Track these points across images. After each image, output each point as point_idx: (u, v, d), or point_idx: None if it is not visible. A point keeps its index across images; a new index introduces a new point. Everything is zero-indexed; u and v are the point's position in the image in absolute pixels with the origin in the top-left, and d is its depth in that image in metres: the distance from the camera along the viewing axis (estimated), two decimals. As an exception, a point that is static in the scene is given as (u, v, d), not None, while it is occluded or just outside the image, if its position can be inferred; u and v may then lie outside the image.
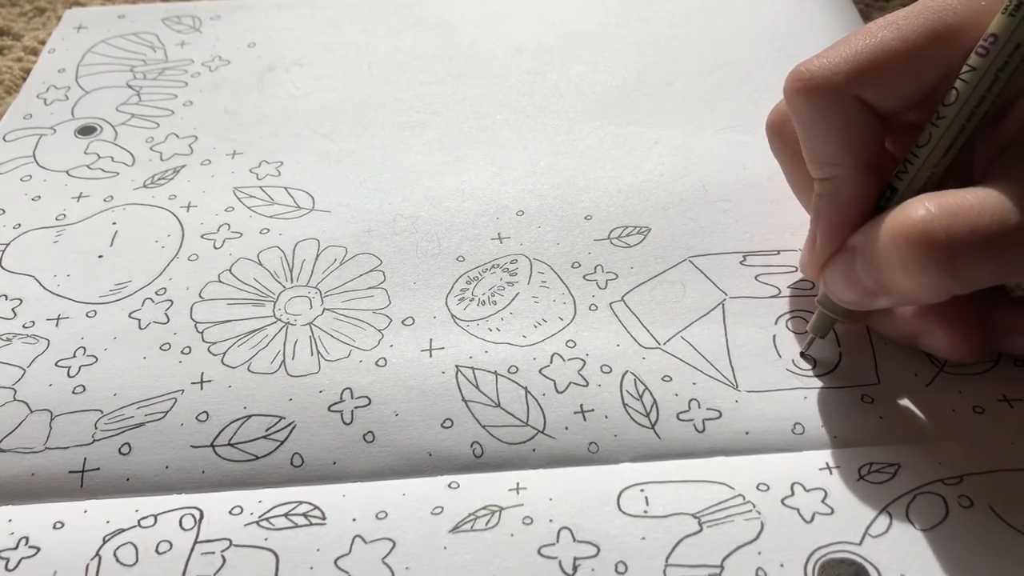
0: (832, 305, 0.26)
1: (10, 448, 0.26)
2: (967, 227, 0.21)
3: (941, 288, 0.22)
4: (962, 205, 0.22)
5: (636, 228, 0.32)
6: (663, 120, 0.37)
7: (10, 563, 0.24)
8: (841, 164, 0.25)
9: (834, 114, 0.25)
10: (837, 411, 0.26)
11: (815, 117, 0.25)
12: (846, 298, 0.25)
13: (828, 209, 0.26)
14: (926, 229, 0.22)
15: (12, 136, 0.37)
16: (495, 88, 0.39)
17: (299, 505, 0.25)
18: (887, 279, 0.23)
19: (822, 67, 0.24)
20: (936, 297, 0.23)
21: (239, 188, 0.34)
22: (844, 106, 0.24)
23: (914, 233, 0.22)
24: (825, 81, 0.24)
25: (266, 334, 0.29)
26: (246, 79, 0.40)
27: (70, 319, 0.30)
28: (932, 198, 0.22)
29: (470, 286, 0.30)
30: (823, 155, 0.25)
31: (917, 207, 0.22)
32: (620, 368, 0.28)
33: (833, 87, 0.24)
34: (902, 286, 0.23)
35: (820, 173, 0.26)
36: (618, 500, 0.25)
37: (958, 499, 0.24)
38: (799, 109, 0.25)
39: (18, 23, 0.44)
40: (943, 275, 0.22)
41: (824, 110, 0.25)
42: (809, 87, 0.24)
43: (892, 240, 0.22)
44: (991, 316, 0.26)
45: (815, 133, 0.25)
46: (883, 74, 0.24)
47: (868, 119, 0.25)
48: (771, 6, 0.42)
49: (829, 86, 0.24)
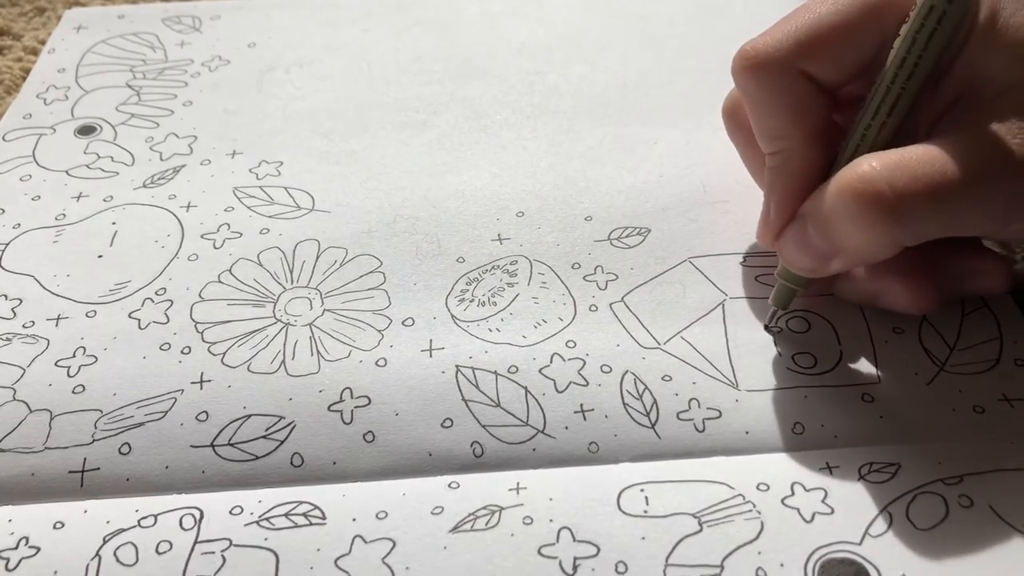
0: (790, 275, 0.27)
1: (10, 448, 0.26)
2: (908, 177, 0.23)
3: (889, 240, 0.23)
4: (903, 158, 0.23)
5: (636, 229, 0.32)
6: (663, 120, 0.37)
7: (10, 563, 0.24)
8: (789, 136, 0.26)
9: (779, 88, 0.26)
10: (837, 410, 0.26)
11: (762, 93, 0.26)
12: (802, 265, 0.26)
13: (779, 180, 0.27)
14: (870, 182, 0.23)
15: (12, 136, 0.37)
16: (495, 88, 0.39)
17: (299, 505, 0.25)
18: (838, 238, 0.24)
19: (766, 44, 0.26)
20: (886, 251, 0.24)
21: (239, 188, 0.34)
22: (788, 80, 0.26)
23: (858, 187, 0.23)
24: (769, 58, 0.26)
25: (266, 334, 0.29)
26: (246, 79, 0.40)
27: (70, 319, 0.30)
28: (875, 156, 0.24)
29: (470, 287, 0.30)
30: (772, 129, 0.27)
31: (861, 163, 0.23)
32: (620, 368, 0.28)
33: (777, 63, 0.26)
34: (852, 242, 0.24)
35: (770, 147, 0.27)
36: (618, 500, 0.25)
37: (958, 499, 0.24)
38: (747, 86, 0.26)
39: (18, 23, 0.44)
40: (889, 225, 0.23)
41: (770, 85, 0.26)
42: (755, 64, 0.26)
43: (839, 196, 0.23)
44: (943, 265, 0.27)
45: (763, 108, 0.26)
46: (823, 47, 0.25)
47: (812, 92, 0.26)
48: (771, 6, 0.42)
49: (773, 62, 0.26)
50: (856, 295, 0.29)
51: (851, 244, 0.24)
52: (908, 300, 0.27)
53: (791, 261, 0.27)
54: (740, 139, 0.30)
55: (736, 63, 0.26)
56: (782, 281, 0.27)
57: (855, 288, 0.28)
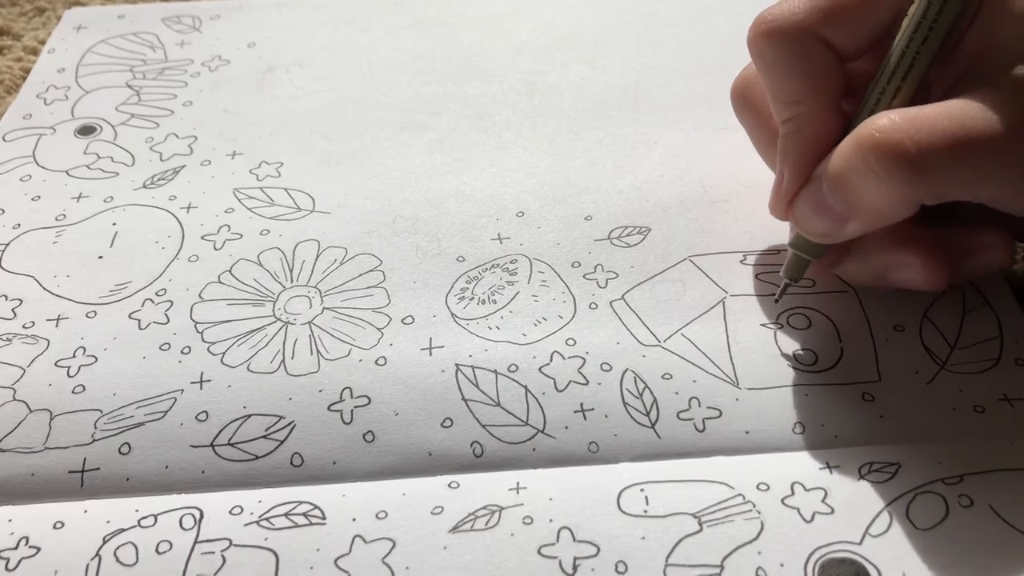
0: (804, 244, 0.27)
1: (10, 448, 0.26)
2: (928, 129, 0.22)
3: (909, 195, 0.23)
4: (923, 112, 0.23)
5: (636, 228, 0.32)
6: (663, 120, 0.37)
7: (10, 563, 0.24)
8: (805, 101, 0.26)
9: (796, 53, 0.26)
10: (837, 409, 0.26)
11: (778, 58, 0.26)
12: (817, 229, 0.26)
13: (793, 147, 0.27)
14: (890, 133, 0.23)
15: (12, 136, 0.37)
16: (495, 88, 0.39)
17: (299, 505, 0.25)
18: (855, 195, 0.24)
19: (783, 11, 0.26)
20: (905, 208, 0.24)
21: (239, 189, 0.34)
22: (806, 45, 0.26)
23: (879, 138, 0.23)
24: (787, 23, 0.26)
25: (265, 333, 0.29)
26: (246, 79, 0.40)
27: (70, 319, 0.30)
28: (894, 111, 0.23)
29: (470, 285, 0.30)
30: (788, 94, 0.26)
31: (880, 117, 0.23)
32: (620, 366, 0.28)
33: (794, 27, 0.26)
34: (870, 199, 0.24)
35: (785, 113, 0.27)
36: (618, 500, 0.25)
37: (958, 499, 0.24)
38: (763, 52, 0.26)
39: (18, 23, 0.44)
40: (910, 179, 0.23)
41: (787, 50, 0.26)
42: (771, 29, 0.26)
43: (858, 150, 0.23)
44: (954, 240, 0.27)
45: (780, 73, 0.26)
46: (841, 14, 0.26)
47: (829, 57, 0.26)
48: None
49: (791, 27, 0.26)
50: (865, 272, 0.28)
51: (869, 201, 0.24)
52: (923, 274, 0.27)
53: (805, 226, 0.26)
54: (750, 118, 0.30)
55: (753, 29, 0.26)
56: (795, 251, 0.27)
57: (866, 264, 0.28)
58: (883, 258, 0.27)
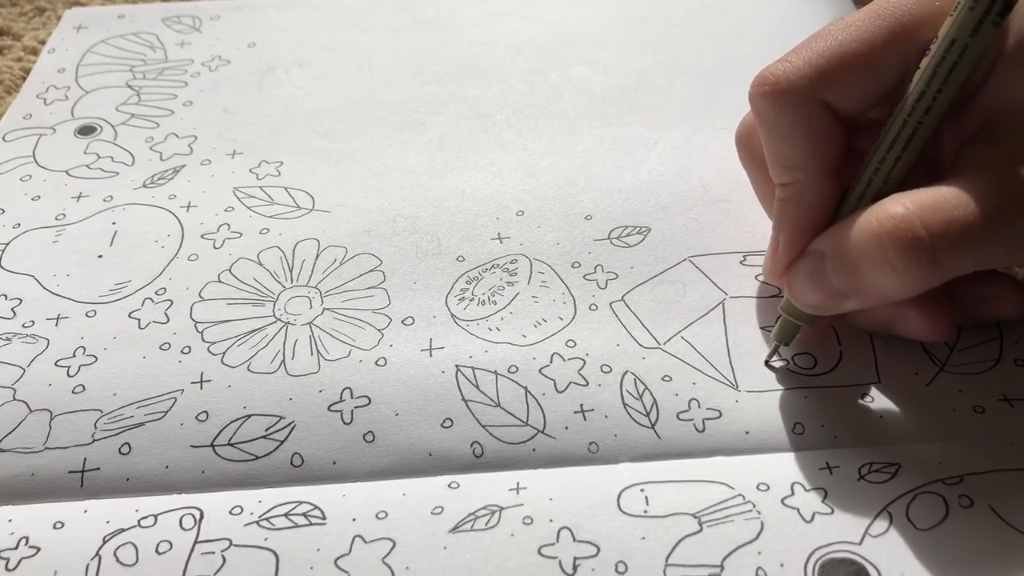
0: (795, 311, 0.26)
1: (10, 448, 0.26)
2: (944, 221, 0.22)
3: (923, 283, 0.23)
4: (937, 200, 0.22)
5: (636, 228, 0.32)
6: (663, 120, 0.37)
7: (10, 563, 0.24)
8: (804, 168, 0.25)
9: (798, 118, 0.25)
10: (837, 410, 0.26)
11: (779, 121, 0.25)
12: (811, 302, 0.25)
13: (791, 214, 0.26)
14: (906, 224, 0.22)
15: (12, 136, 0.37)
16: (495, 88, 0.39)
17: (299, 505, 0.25)
18: (863, 279, 0.23)
19: (786, 71, 0.25)
20: (915, 292, 0.23)
21: (239, 188, 0.34)
22: (808, 110, 0.25)
23: (893, 229, 0.22)
24: (789, 85, 0.24)
25: (266, 334, 0.29)
26: (246, 79, 0.40)
27: (70, 319, 0.30)
28: (906, 196, 0.23)
29: (470, 286, 0.30)
30: (786, 159, 0.25)
31: (894, 205, 0.22)
32: (620, 368, 0.28)
33: (797, 91, 0.24)
34: (881, 284, 0.23)
35: (783, 178, 0.26)
36: (618, 500, 0.25)
37: (958, 499, 0.24)
38: (764, 113, 0.25)
39: (18, 23, 0.44)
40: (925, 269, 0.22)
41: (788, 114, 0.25)
42: (774, 92, 0.25)
43: (873, 238, 0.23)
44: (962, 289, 0.26)
45: (779, 137, 0.25)
46: (845, 76, 0.24)
47: (831, 122, 0.25)
48: (771, 6, 0.42)
49: (793, 90, 0.24)
50: (868, 324, 0.28)
51: (879, 286, 0.23)
52: (924, 329, 0.26)
53: (800, 298, 0.26)
54: (752, 167, 0.29)
55: (754, 89, 0.25)
56: (786, 316, 0.27)
57: (867, 318, 0.28)
58: (885, 312, 0.27)
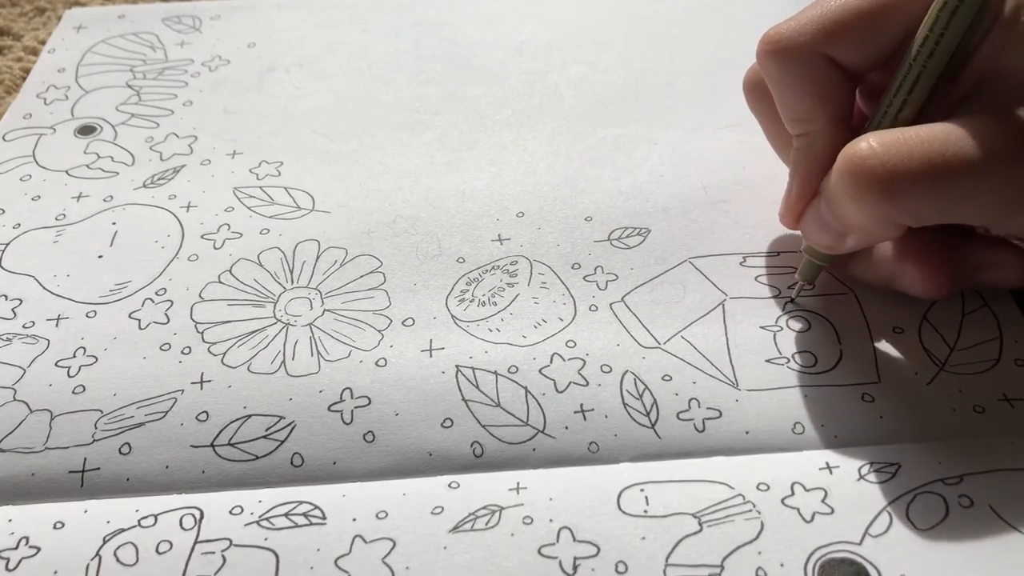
0: (814, 251, 0.28)
1: (10, 448, 0.26)
2: (902, 155, 0.23)
3: (883, 216, 0.24)
4: (903, 137, 0.23)
5: (636, 229, 0.32)
6: (663, 120, 0.37)
7: (10, 563, 0.24)
8: (814, 119, 0.27)
9: (803, 72, 0.26)
10: (837, 410, 0.26)
11: (786, 77, 0.26)
12: (820, 242, 0.27)
13: (802, 161, 0.27)
14: (863, 159, 0.23)
15: (12, 136, 0.37)
16: (495, 88, 0.39)
17: (299, 505, 0.25)
18: (840, 213, 0.25)
19: (790, 29, 0.26)
20: (885, 229, 0.25)
21: (239, 188, 0.34)
22: (813, 64, 0.26)
23: (852, 163, 0.23)
24: (793, 42, 0.26)
25: (266, 335, 0.29)
26: (246, 79, 0.40)
27: (70, 319, 0.30)
28: (876, 134, 0.24)
29: (470, 287, 0.30)
30: (797, 112, 0.27)
31: (860, 142, 0.24)
32: (620, 368, 0.28)
33: (801, 47, 0.26)
34: (853, 218, 0.25)
35: (796, 129, 0.27)
36: (618, 500, 0.25)
37: (958, 499, 0.24)
38: (771, 70, 0.27)
39: (18, 23, 0.44)
40: (881, 202, 0.23)
41: (794, 69, 0.26)
42: (778, 49, 0.26)
43: (837, 173, 0.24)
44: (960, 253, 0.27)
45: (788, 91, 0.27)
46: (849, 33, 0.26)
47: (837, 76, 0.26)
48: (771, 6, 0.42)
49: (797, 46, 0.26)
50: (872, 276, 0.29)
51: (852, 220, 0.25)
52: (920, 284, 0.27)
53: (811, 238, 0.27)
54: (762, 112, 0.30)
55: (760, 47, 0.26)
56: (807, 256, 0.28)
57: (871, 269, 0.29)
58: (887, 266, 0.28)
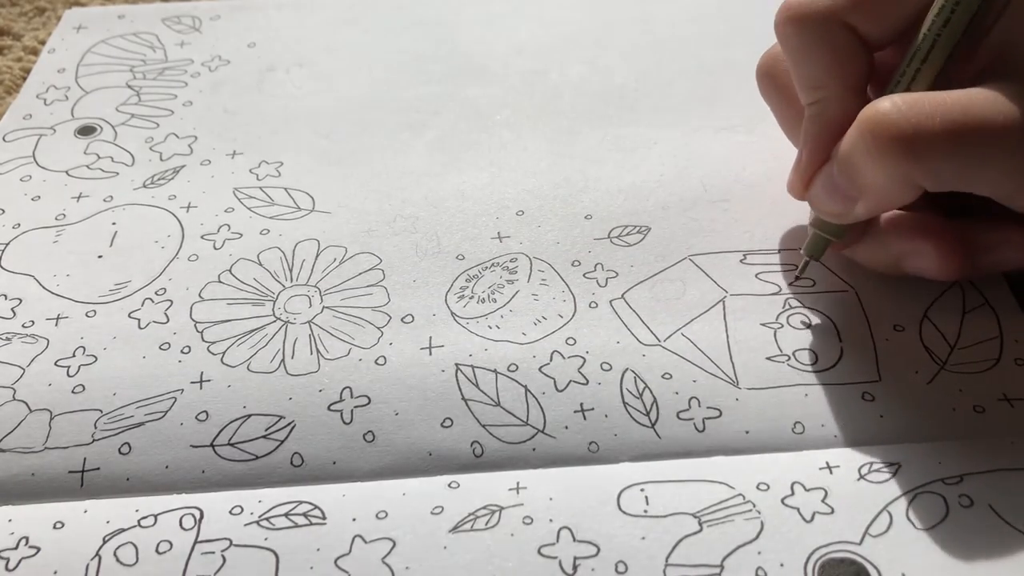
0: (823, 224, 0.27)
1: (10, 448, 0.26)
2: (927, 113, 0.23)
3: (904, 176, 0.23)
4: (928, 97, 0.23)
5: (636, 227, 0.32)
6: (663, 120, 0.37)
7: (10, 563, 0.24)
8: (828, 86, 0.26)
9: (821, 38, 0.26)
10: (838, 409, 0.26)
11: (804, 42, 0.26)
12: (828, 208, 0.27)
13: (813, 127, 0.27)
14: (886, 114, 0.23)
15: (12, 136, 0.37)
16: (495, 88, 0.39)
17: (299, 505, 0.25)
18: (857, 175, 0.25)
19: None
20: (904, 190, 0.24)
21: (239, 188, 0.34)
22: (831, 31, 0.26)
23: (875, 118, 0.23)
24: (813, 8, 0.26)
25: (265, 333, 0.29)
26: (246, 79, 0.40)
27: (69, 319, 0.30)
28: (899, 95, 0.24)
29: (470, 284, 0.30)
30: (812, 79, 0.27)
31: (882, 101, 0.23)
32: (620, 365, 0.28)
33: (820, 13, 0.26)
34: (870, 179, 0.24)
35: (809, 97, 0.27)
36: (618, 500, 0.25)
37: (958, 499, 0.24)
38: (789, 36, 0.27)
39: (18, 23, 0.44)
40: (905, 161, 0.23)
41: (812, 35, 0.26)
42: (799, 15, 0.26)
43: (857, 129, 0.24)
44: (972, 234, 0.27)
45: (804, 57, 0.27)
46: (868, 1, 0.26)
47: (854, 43, 0.26)
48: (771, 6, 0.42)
49: (817, 13, 0.26)
50: (880, 258, 0.28)
51: (870, 182, 0.24)
52: (936, 263, 0.27)
53: (818, 205, 0.27)
54: (775, 96, 0.30)
55: (780, 14, 0.27)
56: (815, 230, 0.28)
57: (881, 248, 0.28)
58: (898, 244, 0.28)
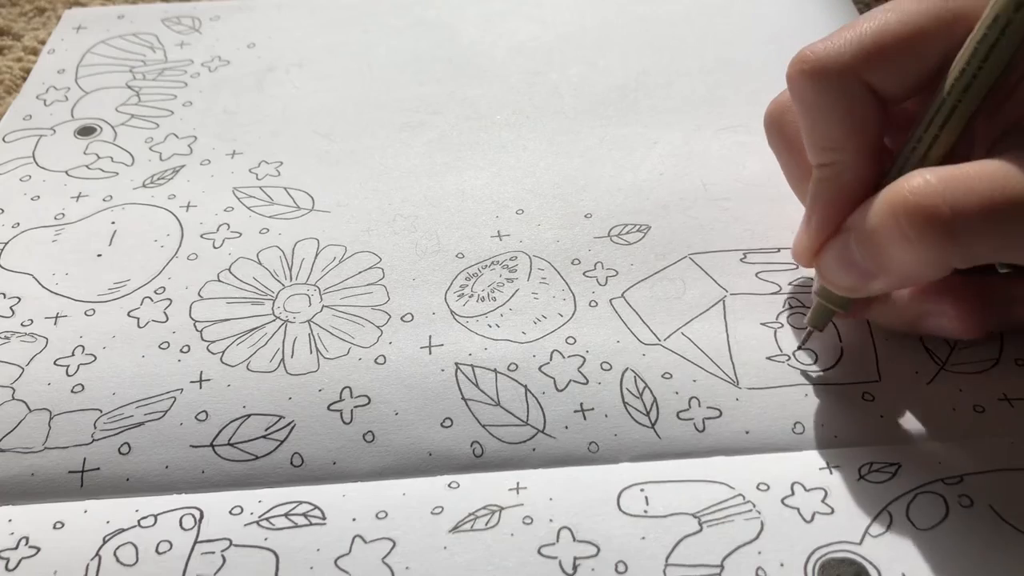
0: (830, 295, 0.26)
1: (9, 448, 0.26)
2: (964, 193, 0.21)
3: (941, 260, 0.22)
4: (960, 173, 0.21)
5: (636, 226, 0.32)
6: (663, 120, 0.37)
7: (10, 563, 0.24)
8: (843, 148, 0.25)
9: (838, 96, 0.24)
10: (838, 409, 0.26)
11: (819, 100, 0.25)
12: (842, 283, 0.25)
13: (826, 193, 0.25)
14: (924, 195, 0.21)
15: (12, 137, 0.37)
16: (495, 88, 0.39)
17: (299, 505, 0.25)
18: (884, 255, 0.23)
19: (827, 50, 0.24)
20: (934, 272, 0.23)
21: (239, 188, 0.34)
22: (849, 89, 0.24)
23: (911, 200, 0.21)
24: (831, 63, 0.24)
25: (265, 332, 0.29)
26: (246, 79, 0.40)
27: (69, 318, 0.30)
28: (930, 170, 0.22)
29: (469, 282, 0.30)
30: (825, 139, 0.25)
31: (915, 177, 0.22)
32: (620, 365, 0.28)
33: (838, 69, 0.24)
34: (901, 261, 0.22)
35: (821, 158, 0.25)
36: (618, 500, 0.25)
37: (958, 499, 0.24)
38: (803, 92, 0.25)
39: (18, 23, 0.44)
40: (943, 244, 0.21)
41: (828, 92, 0.24)
42: (814, 69, 0.24)
43: (890, 210, 0.22)
44: (991, 289, 0.26)
45: (818, 116, 0.25)
46: (887, 57, 0.24)
47: (871, 103, 0.24)
48: (771, 6, 0.42)
49: (834, 68, 0.24)
50: (897, 320, 0.27)
51: (898, 262, 0.22)
52: (957, 324, 0.26)
53: (830, 279, 0.25)
54: (783, 148, 0.28)
55: (794, 67, 0.25)
56: (820, 300, 0.26)
57: (896, 312, 0.27)
58: (917, 306, 0.26)
